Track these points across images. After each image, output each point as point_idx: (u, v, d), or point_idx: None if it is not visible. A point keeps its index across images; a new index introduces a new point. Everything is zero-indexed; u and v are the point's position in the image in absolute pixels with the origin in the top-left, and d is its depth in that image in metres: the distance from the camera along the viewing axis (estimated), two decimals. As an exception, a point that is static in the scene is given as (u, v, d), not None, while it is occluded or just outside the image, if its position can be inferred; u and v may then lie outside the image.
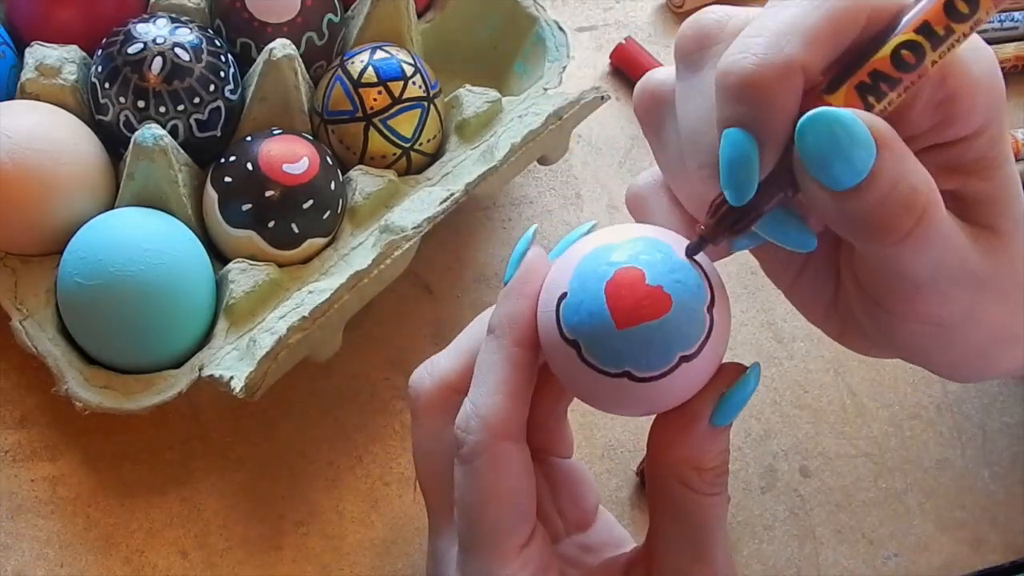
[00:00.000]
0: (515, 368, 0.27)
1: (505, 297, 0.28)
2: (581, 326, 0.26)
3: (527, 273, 0.28)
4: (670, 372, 0.26)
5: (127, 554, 0.38)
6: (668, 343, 0.26)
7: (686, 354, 0.26)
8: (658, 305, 0.26)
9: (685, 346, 0.26)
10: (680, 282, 0.26)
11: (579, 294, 0.26)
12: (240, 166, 0.38)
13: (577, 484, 0.33)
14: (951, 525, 0.44)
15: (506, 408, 0.27)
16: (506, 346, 0.27)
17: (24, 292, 0.38)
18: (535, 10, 0.47)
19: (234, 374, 0.35)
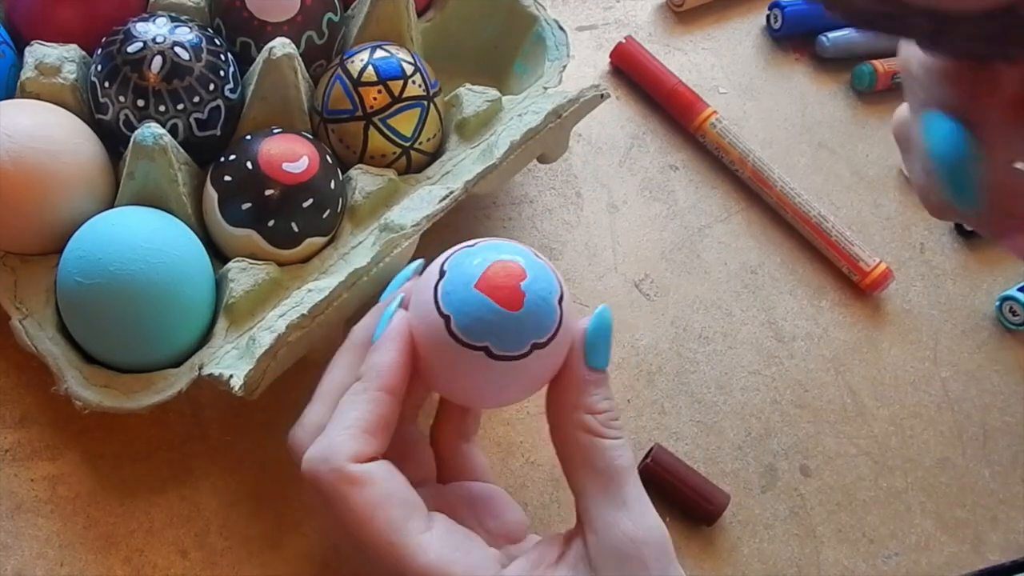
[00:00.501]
0: (373, 407, 0.31)
1: (375, 349, 0.32)
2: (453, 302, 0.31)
3: (394, 330, 0.32)
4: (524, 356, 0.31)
5: (127, 553, 0.38)
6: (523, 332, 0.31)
7: (539, 342, 0.31)
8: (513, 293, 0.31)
9: (539, 336, 0.31)
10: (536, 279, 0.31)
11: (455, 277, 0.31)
12: (240, 165, 0.38)
13: (496, 502, 0.35)
14: (951, 524, 0.44)
15: (357, 439, 0.30)
16: (367, 388, 0.31)
17: (24, 291, 0.38)
18: (535, 9, 0.47)
19: (234, 372, 0.35)
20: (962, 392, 0.47)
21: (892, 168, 0.54)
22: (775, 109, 0.54)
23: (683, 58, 0.55)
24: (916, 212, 0.52)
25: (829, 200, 0.52)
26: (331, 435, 0.31)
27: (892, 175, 0.53)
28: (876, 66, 0.55)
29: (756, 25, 0.57)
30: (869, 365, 0.47)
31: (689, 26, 0.56)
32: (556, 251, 0.48)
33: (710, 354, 0.46)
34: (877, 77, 0.55)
